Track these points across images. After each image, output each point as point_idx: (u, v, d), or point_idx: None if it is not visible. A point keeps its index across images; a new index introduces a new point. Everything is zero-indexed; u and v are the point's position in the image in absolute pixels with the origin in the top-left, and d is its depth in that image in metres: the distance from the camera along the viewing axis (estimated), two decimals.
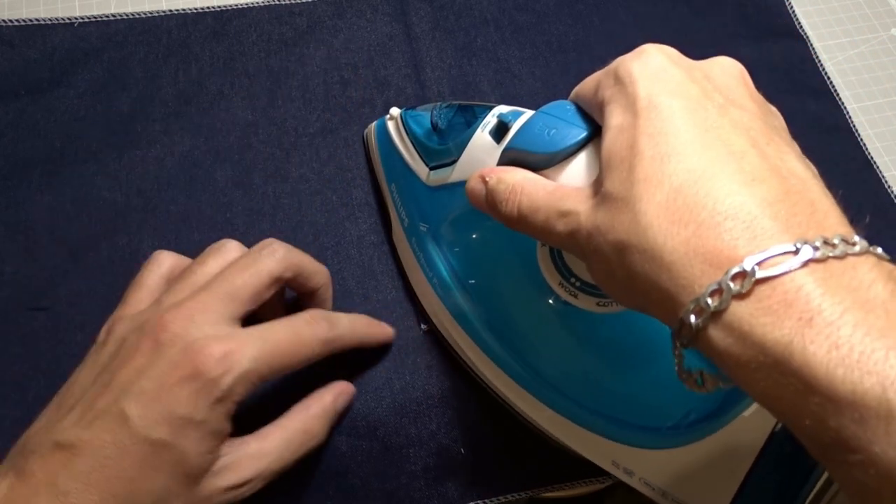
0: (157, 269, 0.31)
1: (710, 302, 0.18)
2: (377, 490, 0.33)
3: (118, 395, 0.25)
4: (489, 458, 0.35)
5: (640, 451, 0.30)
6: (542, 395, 0.32)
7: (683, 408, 0.30)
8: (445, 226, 0.34)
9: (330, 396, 0.31)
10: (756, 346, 0.18)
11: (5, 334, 0.35)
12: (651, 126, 0.22)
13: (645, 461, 0.30)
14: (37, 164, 0.39)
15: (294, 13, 0.44)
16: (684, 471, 0.30)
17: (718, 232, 0.19)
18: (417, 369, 0.35)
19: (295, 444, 0.29)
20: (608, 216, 0.21)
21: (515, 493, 0.35)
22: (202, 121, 0.41)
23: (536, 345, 0.33)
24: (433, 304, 0.35)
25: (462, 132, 0.32)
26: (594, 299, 0.29)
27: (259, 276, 0.29)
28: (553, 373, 0.32)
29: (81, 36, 0.42)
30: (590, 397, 0.31)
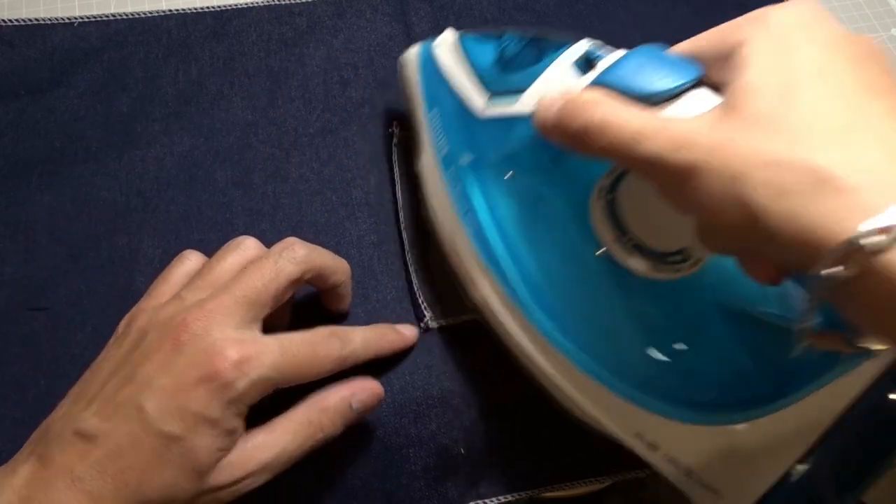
0: (182, 268, 0.32)
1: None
2: (377, 490, 0.33)
3: (138, 390, 0.26)
4: (489, 458, 0.35)
5: (671, 423, 0.28)
6: (569, 351, 0.30)
7: (727, 386, 0.29)
8: (494, 160, 0.32)
9: (347, 391, 0.31)
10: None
11: (5, 334, 0.35)
12: (810, 63, 0.21)
13: (674, 435, 0.29)
14: (37, 164, 0.39)
15: (294, 13, 0.44)
16: (717, 452, 0.28)
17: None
18: (417, 369, 0.35)
19: (301, 437, 0.29)
20: (755, 138, 0.20)
21: (515, 493, 0.35)
22: (202, 121, 0.41)
23: (574, 301, 0.31)
24: (458, 240, 0.33)
25: (535, 62, 0.30)
26: (648, 262, 0.28)
27: (278, 280, 0.29)
28: (587, 331, 0.30)
29: (81, 36, 0.42)
30: (625, 363, 0.30)
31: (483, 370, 0.35)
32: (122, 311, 0.35)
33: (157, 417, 0.26)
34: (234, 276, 0.29)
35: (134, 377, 0.27)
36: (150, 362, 0.27)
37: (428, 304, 0.36)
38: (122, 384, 0.27)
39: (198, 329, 0.27)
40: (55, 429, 0.27)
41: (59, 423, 0.27)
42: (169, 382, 0.26)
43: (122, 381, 0.27)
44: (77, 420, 0.26)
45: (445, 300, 0.36)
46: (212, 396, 0.26)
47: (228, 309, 0.28)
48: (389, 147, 0.40)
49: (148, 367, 0.27)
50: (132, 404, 0.26)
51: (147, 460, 0.26)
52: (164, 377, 0.26)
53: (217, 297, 0.28)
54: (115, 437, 0.26)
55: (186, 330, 0.27)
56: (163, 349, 0.27)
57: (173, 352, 0.27)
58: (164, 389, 0.26)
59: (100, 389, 0.27)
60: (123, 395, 0.26)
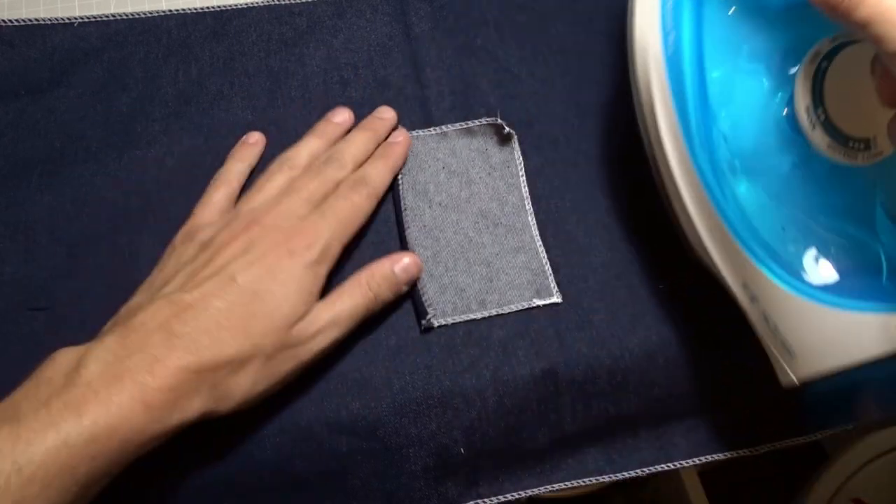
0: (225, 189, 0.37)
1: None
2: (377, 490, 0.33)
3: (223, 265, 0.30)
4: (489, 458, 0.35)
5: (778, 288, 0.30)
6: (715, 195, 0.31)
7: (848, 274, 0.30)
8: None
9: (388, 262, 0.35)
10: None
11: (5, 334, 0.35)
12: None
13: (777, 298, 0.31)
14: (37, 164, 0.39)
15: (294, 13, 0.44)
16: (808, 324, 0.30)
17: None
18: (417, 369, 0.35)
19: (358, 297, 0.33)
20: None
21: (515, 493, 0.35)
22: (202, 121, 0.41)
23: (741, 146, 0.32)
24: (650, 58, 0.33)
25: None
26: (829, 140, 0.29)
27: (329, 183, 0.35)
28: (741, 180, 0.32)
29: (81, 36, 0.42)
30: (764, 220, 0.32)
31: (483, 370, 0.35)
32: None
33: (248, 280, 0.29)
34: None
35: (216, 258, 0.31)
36: (231, 247, 0.31)
37: (430, 302, 0.36)
38: (203, 265, 0.31)
39: (270, 221, 0.32)
40: (132, 305, 0.30)
41: (136, 299, 0.31)
42: (253, 258, 0.30)
43: (202, 264, 0.31)
44: (158, 294, 0.30)
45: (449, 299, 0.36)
46: (294, 262, 0.31)
47: (291, 208, 0.33)
48: None
49: (228, 251, 0.31)
50: (221, 276, 0.30)
51: (241, 316, 0.29)
52: (248, 255, 0.30)
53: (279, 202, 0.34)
54: (208, 301, 0.29)
55: (258, 222, 0.32)
56: (241, 238, 0.31)
57: (253, 238, 0.31)
58: (250, 263, 0.30)
59: (176, 273, 0.31)
60: (209, 271, 0.30)
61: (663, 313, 0.37)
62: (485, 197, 0.39)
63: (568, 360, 0.35)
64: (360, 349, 0.35)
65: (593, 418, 0.36)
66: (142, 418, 0.25)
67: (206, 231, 0.33)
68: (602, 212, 0.40)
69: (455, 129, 0.40)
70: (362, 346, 0.35)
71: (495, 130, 0.40)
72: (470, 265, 0.37)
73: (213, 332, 0.28)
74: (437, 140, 0.40)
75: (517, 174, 0.40)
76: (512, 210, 0.39)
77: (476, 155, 0.40)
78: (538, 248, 0.38)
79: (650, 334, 0.36)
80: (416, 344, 0.36)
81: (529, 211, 0.39)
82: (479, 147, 0.40)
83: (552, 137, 0.42)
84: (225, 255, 0.30)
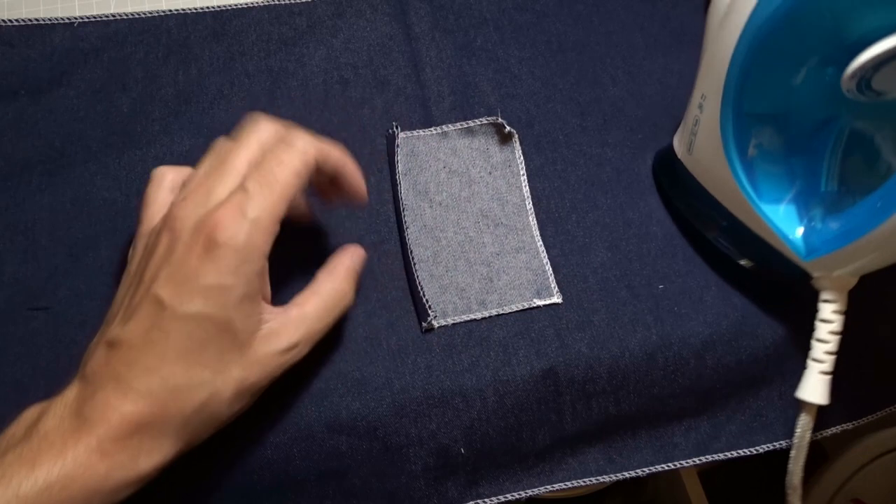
0: (161, 184, 0.32)
1: None
2: (377, 490, 0.33)
3: (149, 285, 0.27)
4: (489, 458, 0.35)
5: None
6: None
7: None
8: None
9: (347, 258, 0.33)
10: None
11: (5, 334, 0.35)
12: None
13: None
14: (37, 164, 0.39)
15: (294, 13, 0.44)
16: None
17: None
18: (417, 369, 0.35)
19: (330, 304, 0.31)
20: None
21: (515, 493, 0.35)
22: (202, 121, 0.41)
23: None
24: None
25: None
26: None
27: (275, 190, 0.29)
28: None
29: (81, 36, 0.42)
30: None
31: (483, 370, 0.35)
32: None
33: (177, 303, 0.26)
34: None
35: (143, 278, 0.28)
36: (153, 260, 0.28)
37: (431, 303, 0.36)
38: (135, 289, 0.28)
39: (186, 212, 0.28)
40: (88, 353, 0.28)
41: (92, 344, 0.28)
42: (174, 267, 0.27)
43: (135, 287, 0.28)
44: (104, 335, 0.27)
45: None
46: (219, 263, 0.26)
47: (211, 189, 0.29)
48: (389, 147, 0.40)
49: (153, 265, 0.27)
50: (148, 300, 0.27)
51: (184, 345, 0.26)
52: (169, 265, 0.27)
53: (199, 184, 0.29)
54: (144, 334, 0.26)
55: (175, 217, 0.28)
56: (161, 244, 0.28)
57: (171, 241, 0.27)
58: (172, 276, 0.26)
59: (119, 305, 0.29)
60: (138, 295, 0.27)
61: (663, 313, 0.37)
62: (485, 197, 0.39)
63: (568, 360, 0.35)
64: (360, 349, 0.35)
65: (593, 418, 0.36)
66: (101, 467, 0.25)
67: (143, 239, 0.30)
68: (602, 212, 0.40)
69: (455, 129, 0.40)
70: (362, 346, 0.35)
71: (496, 130, 0.40)
72: (470, 265, 0.37)
73: (162, 370, 0.26)
74: (438, 140, 0.40)
75: (518, 174, 0.40)
76: (513, 210, 0.39)
77: (477, 154, 0.40)
78: (539, 248, 0.38)
79: (650, 334, 0.36)
80: (416, 344, 0.36)
81: (530, 211, 0.39)
82: (479, 146, 0.40)
83: (552, 137, 0.42)
84: (150, 271, 0.27)
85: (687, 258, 0.39)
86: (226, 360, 0.27)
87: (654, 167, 0.42)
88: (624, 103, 0.43)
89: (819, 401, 0.34)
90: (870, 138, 0.35)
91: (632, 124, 0.43)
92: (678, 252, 0.39)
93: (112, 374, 0.26)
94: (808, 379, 0.35)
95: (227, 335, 0.27)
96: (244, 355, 0.28)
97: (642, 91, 0.44)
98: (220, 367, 0.27)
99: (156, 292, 0.26)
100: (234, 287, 0.27)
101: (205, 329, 0.26)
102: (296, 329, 0.29)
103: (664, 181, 0.41)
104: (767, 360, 0.37)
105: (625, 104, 0.43)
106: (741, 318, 0.37)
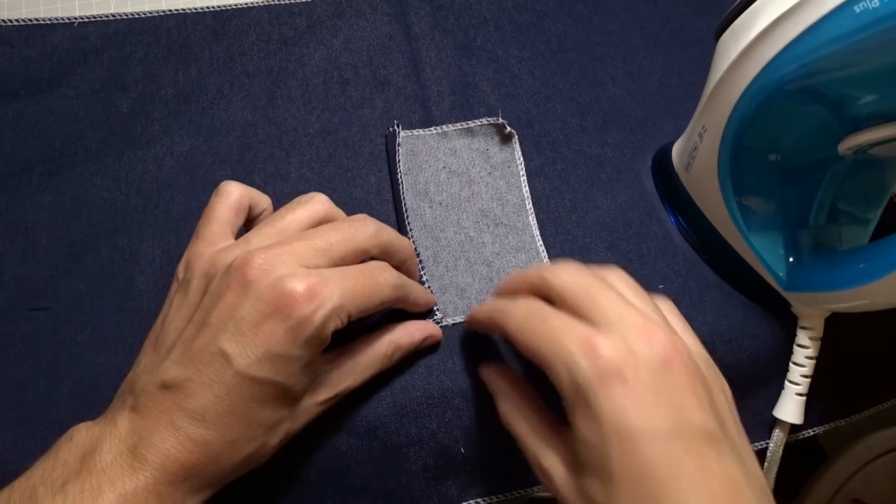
0: (226, 201, 0.31)
1: None
2: (377, 490, 0.33)
3: (215, 334, 0.27)
4: (489, 458, 0.35)
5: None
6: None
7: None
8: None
9: (419, 335, 0.34)
10: None
11: (5, 334, 0.35)
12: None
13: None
14: (37, 164, 0.39)
15: (294, 13, 0.44)
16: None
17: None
18: (417, 369, 0.35)
19: (375, 366, 0.32)
20: None
21: (515, 493, 0.35)
22: (202, 121, 0.41)
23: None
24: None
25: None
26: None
27: (352, 242, 0.29)
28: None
29: (81, 36, 0.42)
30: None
31: None
32: (123, 311, 0.36)
33: (244, 364, 0.26)
34: (306, 230, 0.30)
35: (208, 322, 0.27)
36: (221, 305, 0.27)
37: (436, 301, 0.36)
38: (197, 331, 0.27)
39: (264, 264, 0.27)
40: (140, 383, 0.28)
41: (143, 376, 0.28)
42: (245, 324, 0.26)
43: (197, 328, 0.27)
44: (159, 372, 0.27)
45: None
46: (292, 335, 0.26)
47: (298, 251, 0.28)
48: (390, 146, 0.40)
49: (220, 311, 0.27)
50: (213, 350, 0.26)
51: (245, 404, 0.27)
52: (238, 319, 0.26)
53: (288, 242, 0.28)
54: (206, 385, 0.26)
55: (251, 266, 0.27)
56: (232, 289, 0.27)
57: (242, 291, 0.27)
58: (241, 332, 0.26)
59: (175, 339, 0.28)
60: (202, 341, 0.27)
61: None
62: (485, 196, 0.39)
63: None
64: None
65: None
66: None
67: (204, 263, 0.29)
68: (602, 212, 0.40)
69: (455, 129, 0.40)
70: None
71: (496, 130, 0.40)
72: (471, 265, 0.37)
73: (220, 425, 0.26)
74: (438, 140, 0.40)
75: (518, 174, 0.40)
76: (513, 210, 0.39)
77: (477, 154, 0.40)
78: (539, 248, 0.38)
79: None
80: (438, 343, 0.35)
81: (530, 210, 0.39)
82: (479, 147, 0.40)
83: (552, 137, 0.42)
84: (216, 317, 0.27)
85: (687, 258, 0.39)
86: (279, 416, 0.28)
87: (653, 168, 0.42)
88: (624, 103, 0.43)
89: (794, 420, 0.36)
90: (866, 174, 0.36)
91: (632, 124, 0.43)
92: (678, 252, 0.39)
93: (168, 419, 0.26)
94: (785, 400, 0.36)
95: (285, 396, 0.28)
96: (294, 410, 0.29)
97: (642, 91, 0.44)
98: (273, 423, 0.28)
99: (222, 346, 0.26)
100: (302, 358, 0.27)
101: (267, 392, 0.27)
102: (339, 383, 0.31)
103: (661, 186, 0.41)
104: (767, 361, 0.37)
105: (625, 104, 0.43)
106: (741, 319, 0.37)
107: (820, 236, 0.36)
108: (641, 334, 0.25)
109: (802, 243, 0.36)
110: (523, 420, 0.29)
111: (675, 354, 0.25)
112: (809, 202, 0.36)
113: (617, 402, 0.24)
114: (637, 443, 0.23)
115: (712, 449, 0.24)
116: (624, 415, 0.24)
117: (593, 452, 0.24)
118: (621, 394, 0.24)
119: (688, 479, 0.23)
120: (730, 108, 0.32)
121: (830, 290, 0.33)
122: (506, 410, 0.30)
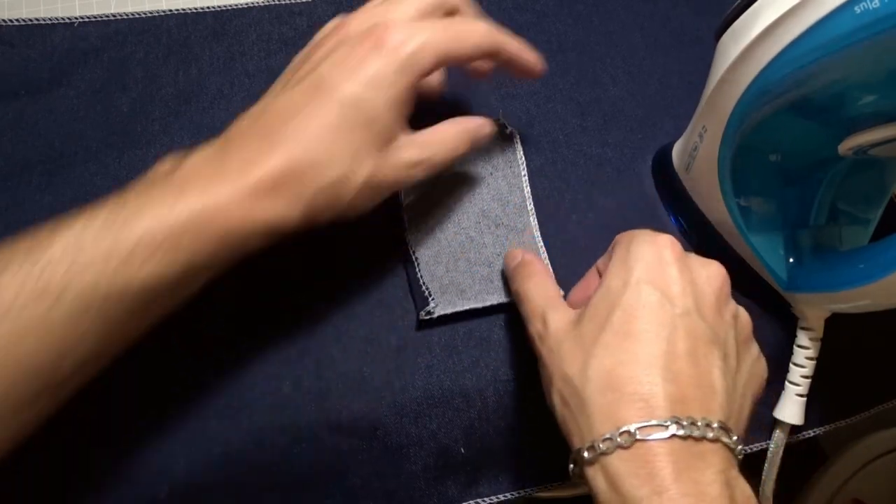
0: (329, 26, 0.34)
1: (601, 446, 0.25)
2: (377, 490, 0.33)
3: (315, 65, 0.30)
4: (489, 458, 0.35)
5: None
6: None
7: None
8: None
9: (478, 120, 0.34)
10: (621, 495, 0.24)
11: None
12: (628, 303, 0.27)
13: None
14: (37, 164, 0.39)
15: (294, 13, 0.44)
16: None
17: (629, 406, 0.25)
18: (417, 369, 0.35)
19: (458, 141, 0.33)
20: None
21: (515, 493, 0.35)
22: (202, 120, 0.41)
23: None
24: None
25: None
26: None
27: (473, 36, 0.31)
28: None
29: (81, 36, 0.42)
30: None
31: (483, 370, 0.35)
32: None
33: (337, 81, 0.28)
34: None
35: (311, 58, 0.31)
36: (324, 47, 0.31)
37: (431, 292, 0.36)
38: (297, 68, 0.31)
39: (364, 18, 0.31)
40: (234, 123, 0.31)
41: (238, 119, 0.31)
42: (342, 55, 0.29)
43: (296, 68, 0.31)
44: (255, 107, 0.31)
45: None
46: (385, 62, 0.29)
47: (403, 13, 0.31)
48: None
49: (322, 51, 0.30)
50: (312, 77, 0.29)
51: (334, 124, 0.28)
52: (336, 53, 0.30)
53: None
54: (300, 107, 0.29)
55: (353, 18, 0.31)
56: (334, 36, 0.31)
57: (344, 36, 0.30)
58: (338, 61, 0.29)
59: (278, 83, 0.32)
60: (301, 73, 0.30)
61: None
62: (486, 197, 0.39)
63: None
64: (360, 349, 0.35)
65: None
66: (238, 211, 0.27)
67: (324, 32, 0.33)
68: (602, 212, 0.40)
69: None
70: (362, 346, 0.35)
71: (497, 130, 0.40)
72: (471, 265, 0.37)
73: (309, 140, 0.28)
74: None
75: (519, 174, 0.40)
76: (514, 210, 0.39)
77: (477, 154, 0.40)
78: (539, 249, 0.38)
79: None
80: (416, 343, 0.36)
81: (531, 211, 0.39)
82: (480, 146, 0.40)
83: (552, 137, 0.42)
84: (316, 57, 0.30)
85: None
86: (364, 150, 0.29)
87: (653, 168, 0.42)
88: (624, 103, 0.43)
89: (794, 421, 0.36)
90: (866, 174, 0.36)
91: (632, 124, 0.43)
92: None
93: (259, 133, 0.28)
94: (785, 401, 0.36)
95: (371, 128, 0.29)
96: (380, 154, 0.30)
97: (642, 91, 0.44)
98: (358, 154, 0.29)
99: (320, 71, 0.29)
100: (392, 87, 0.29)
101: (356, 114, 0.28)
102: (422, 151, 0.31)
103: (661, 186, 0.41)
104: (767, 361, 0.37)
105: (625, 104, 0.43)
106: None
107: (820, 236, 0.36)
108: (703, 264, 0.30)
109: (802, 243, 0.36)
110: (539, 288, 0.32)
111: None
112: (809, 202, 0.36)
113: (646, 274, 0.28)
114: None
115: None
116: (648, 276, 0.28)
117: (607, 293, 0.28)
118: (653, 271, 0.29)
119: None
120: (730, 108, 0.32)
121: (830, 290, 0.33)
122: (522, 278, 0.33)
